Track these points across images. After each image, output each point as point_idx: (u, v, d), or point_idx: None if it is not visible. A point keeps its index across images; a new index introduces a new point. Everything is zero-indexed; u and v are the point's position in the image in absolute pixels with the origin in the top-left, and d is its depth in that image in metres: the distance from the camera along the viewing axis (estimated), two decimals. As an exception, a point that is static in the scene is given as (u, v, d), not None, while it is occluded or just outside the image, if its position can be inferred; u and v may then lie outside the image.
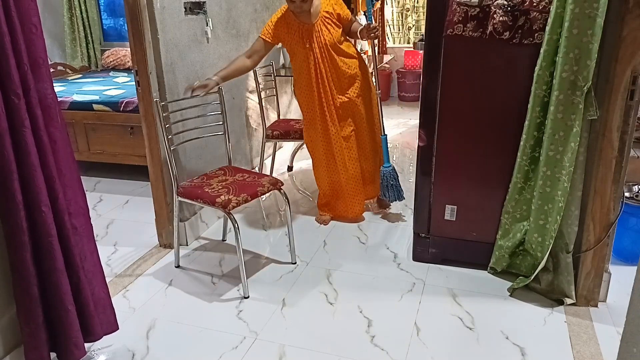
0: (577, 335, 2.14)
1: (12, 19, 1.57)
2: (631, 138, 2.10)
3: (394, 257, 2.80)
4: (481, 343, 2.12)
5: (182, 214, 2.93)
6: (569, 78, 2.05)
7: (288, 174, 4.12)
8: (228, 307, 2.39)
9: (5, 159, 1.62)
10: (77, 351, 1.89)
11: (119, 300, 2.45)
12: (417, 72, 6.47)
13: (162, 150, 2.75)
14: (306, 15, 2.87)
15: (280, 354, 2.07)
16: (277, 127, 3.65)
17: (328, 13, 2.92)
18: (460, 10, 2.23)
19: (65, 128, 1.81)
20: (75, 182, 1.87)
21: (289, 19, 2.91)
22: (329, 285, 2.55)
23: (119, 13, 5.62)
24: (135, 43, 2.59)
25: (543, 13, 2.11)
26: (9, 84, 1.59)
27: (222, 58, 3.32)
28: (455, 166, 2.49)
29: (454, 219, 2.57)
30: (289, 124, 3.70)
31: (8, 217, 1.70)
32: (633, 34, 1.94)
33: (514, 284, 2.44)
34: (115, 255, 2.91)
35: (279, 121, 3.83)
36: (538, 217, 2.31)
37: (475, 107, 2.37)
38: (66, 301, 1.82)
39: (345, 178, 3.10)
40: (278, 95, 3.94)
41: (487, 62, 2.28)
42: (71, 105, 3.96)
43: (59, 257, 1.78)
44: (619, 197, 2.17)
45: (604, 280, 2.31)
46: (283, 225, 3.19)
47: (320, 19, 2.90)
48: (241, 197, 2.41)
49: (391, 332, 2.19)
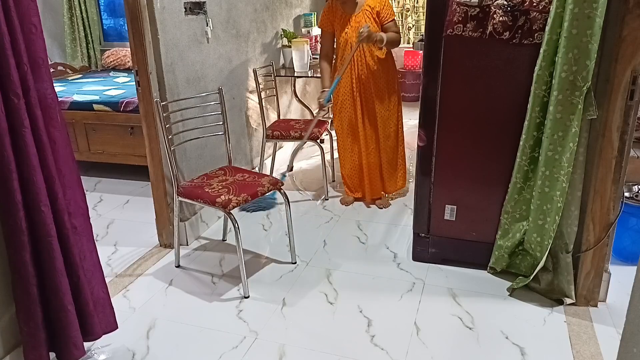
0: (577, 335, 2.14)
1: (12, 19, 1.57)
2: (631, 138, 2.10)
3: (394, 257, 2.80)
4: (481, 343, 2.12)
5: (182, 214, 2.94)
6: (568, 78, 2.05)
7: (288, 174, 4.12)
8: (228, 307, 2.39)
9: (5, 159, 1.62)
10: (76, 351, 1.89)
11: (119, 300, 2.45)
12: (417, 72, 6.47)
13: (162, 150, 2.75)
14: (351, 5, 3.15)
15: (280, 354, 2.08)
16: (277, 127, 3.65)
17: (370, 7, 3.14)
18: (460, 10, 2.23)
19: (65, 128, 1.81)
20: (75, 182, 1.87)
21: (334, 8, 3.22)
22: (329, 285, 2.55)
23: (119, 13, 5.62)
24: (135, 43, 2.59)
25: (543, 13, 2.11)
26: (8, 84, 1.59)
27: (222, 58, 3.33)
28: (455, 166, 2.49)
29: (454, 218, 2.57)
30: (289, 124, 3.70)
31: (8, 217, 1.70)
32: (633, 34, 1.94)
33: (513, 283, 2.44)
34: (115, 255, 2.91)
35: (279, 121, 3.83)
36: (537, 217, 2.31)
37: (475, 107, 2.37)
38: (65, 301, 1.82)
39: (366, 162, 3.33)
40: (278, 95, 3.94)
41: (487, 62, 2.28)
42: (71, 105, 3.96)
43: (59, 257, 1.78)
44: (618, 197, 2.17)
45: (604, 280, 2.31)
46: (283, 225, 3.19)
47: (362, 11, 3.14)
48: (241, 197, 2.41)
49: (391, 331, 2.20)
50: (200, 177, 2.68)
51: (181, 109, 2.73)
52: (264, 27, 3.99)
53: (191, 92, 2.93)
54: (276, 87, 3.87)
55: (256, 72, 3.57)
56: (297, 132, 3.53)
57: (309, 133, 3.33)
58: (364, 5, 3.13)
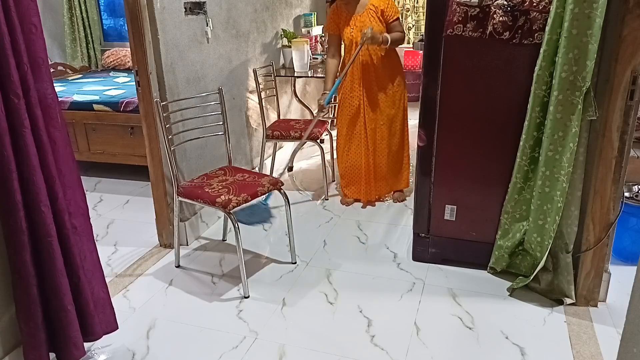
0: (576, 335, 2.14)
1: (12, 19, 1.57)
2: (631, 138, 2.09)
3: (394, 257, 2.80)
4: (481, 343, 2.12)
5: (182, 214, 2.94)
6: (568, 78, 2.05)
7: (288, 174, 4.12)
8: (228, 307, 2.39)
9: (5, 159, 1.62)
10: (76, 351, 1.89)
11: (119, 300, 2.45)
12: (417, 72, 6.47)
13: (162, 150, 2.75)
14: (354, 5, 3.18)
15: (280, 354, 2.08)
16: (277, 127, 3.65)
17: (374, 7, 3.15)
18: (460, 11, 2.23)
19: (65, 128, 1.81)
20: (75, 182, 1.87)
21: (339, 10, 3.25)
22: (329, 285, 2.55)
23: (119, 13, 5.62)
24: (135, 43, 2.59)
25: (543, 13, 2.11)
26: (8, 84, 1.59)
27: (222, 58, 3.33)
28: (455, 166, 2.49)
29: (454, 218, 2.57)
30: (289, 124, 3.70)
31: (8, 217, 1.70)
32: (633, 34, 1.94)
33: (513, 283, 2.44)
34: (115, 255, 2.91)
35: (279, 121, 3.83)
36: (537, 217, 2.31)
37: (475, 107, 2.37)
38: (66, 301, 1.82)
39: (366, 163, 3.34)
40: (278, 95, 3.94)
41: (487, 62, 2.28)
42: (71, 105, 3.96)
43: (59, 257, 1.78)
44: (618, 197, 2.17)
45: (604, 280, 2.31)
46: (283, 225, 3.19)
47: (367, 10, 3.16)
48: (241, 197, 2.41)
49: (391, 331, 2.20)
50: (200, 177, 2.68)
51: (181, 109, 2.73)
52: (264, 27, 3.99)
53: (191, 92, 2.93)
54: (276, 87, 3.87)
55: (256, 72, 3.57)
56: (297, 132, 3.53)
57: (309, 133, 3.33)
58: (368, 4, 3.15)
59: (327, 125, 3.78)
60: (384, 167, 3.39)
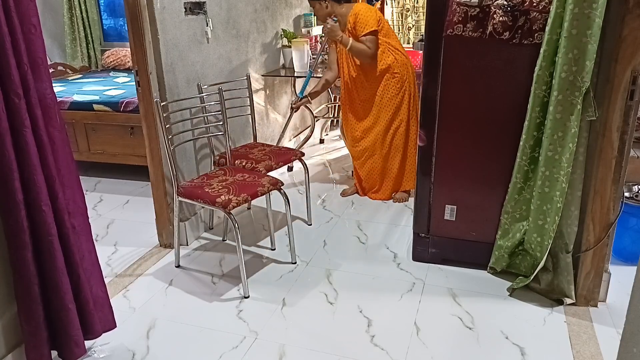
0: (576, 335, 2.15)
1: (12, 19, 1.57)
2: (631, 138, 2.10)
3: (394, 257, 2.80)
4: (481, 343, 2.12)
5: (182, 214, 2.94)
6: (568, 78, 2.05)
7: (288, 174, 4.12)
8: (228, 307, 2.39)
9: (6, 158, 1.63)
10: (77, 349, 1.90)
11: (120, 300, 2.46)
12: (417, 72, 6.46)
13: (162, 150, 2.75)
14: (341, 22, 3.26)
15: (280, 354, 2.08)
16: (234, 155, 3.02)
17: (350, 22, 3.23)
18: (460, 11, 2.23)
19: (64, 128, 1.81)
20: (73, 182, 1.87)
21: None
22: (329, 285, 2.55)
23: (119, 13, 5.62)
24: (135, 43, 2.60)
25: (543, 13, 2.11)
26: (9, 84, 1.59)
27: (222, 58, 3.33)
28: (455, 166, 2.49)
29: (454, 218, 2.57)
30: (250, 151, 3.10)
31: (9, 216, 1.70)
32: (633, 34, 1.94)
33: (513, 283, 2.44)
34: (115, 255, 2.91)
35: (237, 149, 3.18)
36: (537, 217, 2.31)
37: (475, 107, 2.37)
38: (66, 300, 1.83)
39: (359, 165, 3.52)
40: (278, 95, 3.94)
41: (487, 62, 2.28)
42: (71, 105, 3.96)
43: (59, 256, 1.79)
44: (618, 197, 2.17)
45: (604, 280, 2.31)
46: (283, 225, 3.19)
47: (345, 26, 3.25)
48: (241, 197, 2.41)
49: (391, 331, 2.20)
50: (200, 177, 2.68)
51: (181, 109, 2.73)
52: (264, 27, 3.99)
53: (191, 92, 2.93)
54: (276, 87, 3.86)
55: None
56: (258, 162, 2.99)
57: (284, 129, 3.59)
58: (348, 17, 3.24)
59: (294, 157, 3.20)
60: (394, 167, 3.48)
